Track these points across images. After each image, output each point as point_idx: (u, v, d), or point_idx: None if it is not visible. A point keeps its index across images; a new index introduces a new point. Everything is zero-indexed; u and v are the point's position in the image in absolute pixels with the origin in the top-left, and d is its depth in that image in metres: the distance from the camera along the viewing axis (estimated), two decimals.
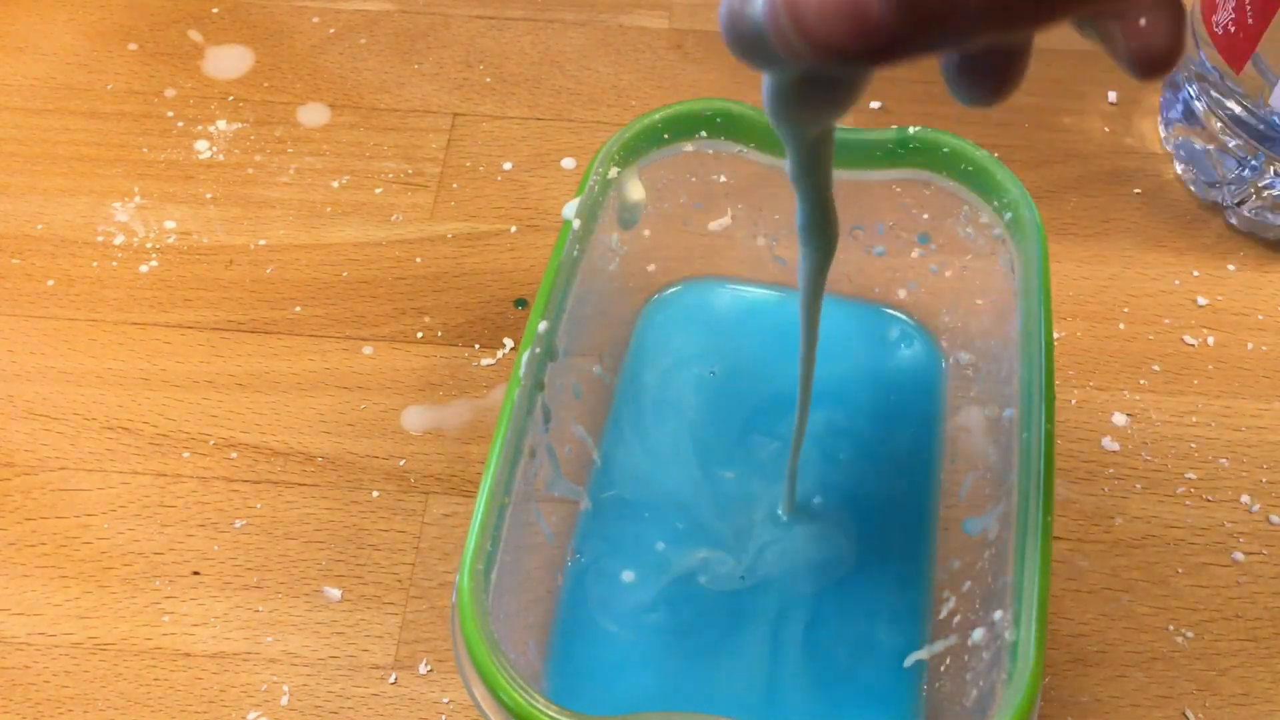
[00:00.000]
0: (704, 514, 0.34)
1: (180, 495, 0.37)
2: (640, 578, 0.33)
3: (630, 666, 0.32)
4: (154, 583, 0.35)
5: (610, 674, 0.32)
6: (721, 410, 0.36)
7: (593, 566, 0.33)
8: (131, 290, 0.41)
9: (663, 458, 0.35)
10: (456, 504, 0.37)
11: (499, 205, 0.43)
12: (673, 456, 0.35)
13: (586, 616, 0.32)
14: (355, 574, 0.35)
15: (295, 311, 0.40)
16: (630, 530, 0.34)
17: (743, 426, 0.36)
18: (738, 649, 0.32)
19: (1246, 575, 0.35)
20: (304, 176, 0.44)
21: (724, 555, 0.33)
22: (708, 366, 0.37)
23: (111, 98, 0.46)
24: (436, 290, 0.41)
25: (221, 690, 0.33)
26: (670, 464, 0.35)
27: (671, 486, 0.35)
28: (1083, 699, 0.33)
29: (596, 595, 0.33)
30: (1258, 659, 0.34)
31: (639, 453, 0.35)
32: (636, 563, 0.33)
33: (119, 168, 0.44)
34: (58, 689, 0.33)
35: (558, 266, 0.31)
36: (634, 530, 0.34)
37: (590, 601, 0.33)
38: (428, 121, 0.45)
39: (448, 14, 0.49)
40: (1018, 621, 0.25)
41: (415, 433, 0.38)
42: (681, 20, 0.48)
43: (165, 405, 0.38)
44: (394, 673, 0.34)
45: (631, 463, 0.35)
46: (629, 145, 0.33)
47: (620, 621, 0.32)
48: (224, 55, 0.47)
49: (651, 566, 0.33)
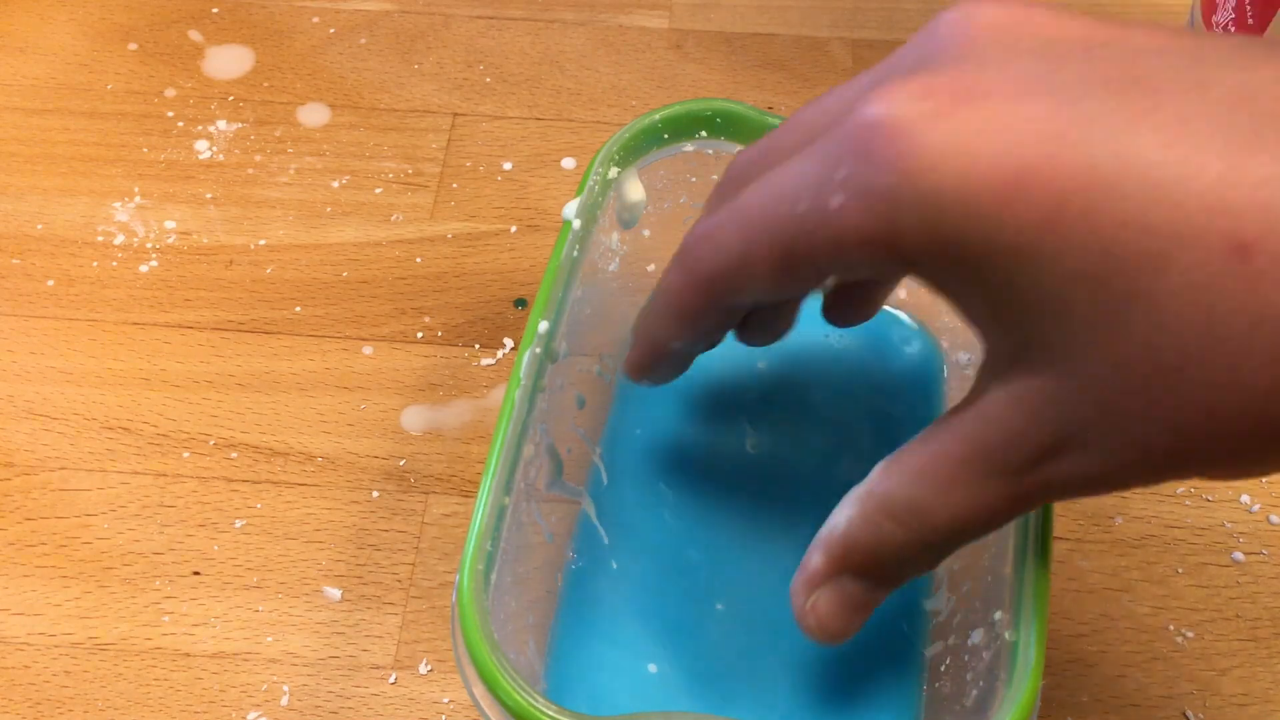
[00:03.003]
0: (705, 513, 0.34)
1: (180, 495, 0.37)
2: (641, 577, 0.33)
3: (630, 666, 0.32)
4: (154, 583, 0.35)
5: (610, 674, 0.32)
6: (721, 408, 0.36)
7: (593, 566, 0.33)
8: (131, 290, 0.41)
9: (663, 457, 0.35)
10: (456, 504, 0.37)
11: (499, 205, 0.43)
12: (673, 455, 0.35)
13: (586, 616, 0.32)
14: (355, 574, 0.35)
15: (295, 311, 0.40)
16: (630, 530, 0.34)
17: (743, 425, 0.36)
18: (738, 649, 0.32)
19: (1246, 575, 0.35)
20: (304, 176, 0.44)
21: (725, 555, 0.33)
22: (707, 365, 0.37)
23: (111, 98, 0.46)
24: (436, 290, 0.41)
25: (221, 690, 0.33)
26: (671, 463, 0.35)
27: (672, 485, 0.35)
28: (1083, 699, 0.33)
29: (596, 595, 0.33)
30: (1258, 659, 0.34)
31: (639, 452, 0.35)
32: (637, 562, 0.33)
33: (119, 168, 0.44)
34: (58, 689, 0.33)
35: (558, 266, 0.31)
36: (634, 530, 0.34)
37: (590, 601, 0.33)
38: (428, 121, 0.45)
39: (448, 14, 0.49)
40: (1018, 621, 0.25)
41: (415, 433, 0.38)
42: (681, 20, 0.48)
43: (165, 405, 0.38)
44: (394, 673, 0.34)
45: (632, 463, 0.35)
46: (629, 145, 0.33)
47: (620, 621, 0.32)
48: (224, 55, 0.47)
49: (652, 566, 0.33)
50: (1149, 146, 0.18)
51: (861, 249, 0.20)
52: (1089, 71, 0.19)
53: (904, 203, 0.19)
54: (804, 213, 0.21)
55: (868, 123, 0.20)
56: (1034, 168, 0.18)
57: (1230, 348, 0.18)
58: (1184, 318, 0.18)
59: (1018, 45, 0.20)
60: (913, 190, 0.19)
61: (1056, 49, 0.20)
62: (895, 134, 0.19)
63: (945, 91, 0.19)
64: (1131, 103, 0.18)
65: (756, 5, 0.49)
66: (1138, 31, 0.20)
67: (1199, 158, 0.18)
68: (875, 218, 0.20)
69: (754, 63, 0.47)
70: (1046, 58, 0.20)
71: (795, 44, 0.47)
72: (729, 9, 0.49)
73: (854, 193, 0.20)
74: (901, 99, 0.19)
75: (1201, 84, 0.18)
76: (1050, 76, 0.19)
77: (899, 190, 0.19)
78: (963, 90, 0.19)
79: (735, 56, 0.47)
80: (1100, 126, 0.18)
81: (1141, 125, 0.18)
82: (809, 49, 0.47)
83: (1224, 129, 0.18)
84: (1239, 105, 0.18)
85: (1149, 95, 0.18)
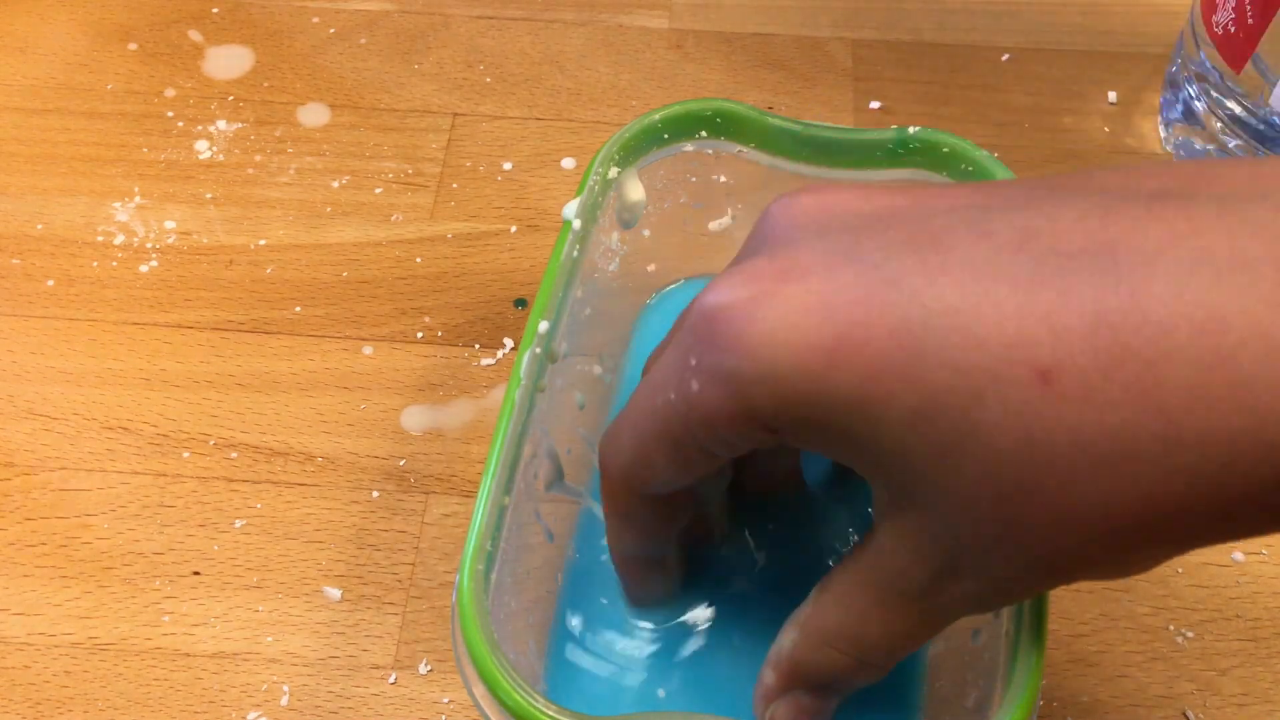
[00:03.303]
0: (705, 512, 0.34)
1: (180, 495, 0.37)
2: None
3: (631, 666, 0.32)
4: (154, 583, 0.35)
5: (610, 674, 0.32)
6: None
7: (593, 566, 0.33)
8: (131, 290, 0.41)
9: None
10: (456, 504, 0.37)
11: (499, 205, 0.43)
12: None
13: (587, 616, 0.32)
14: (355, 574, 0.35)
15: (295, 311, 0.40)
16: None
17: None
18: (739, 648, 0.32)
19: (1246, 575, 0.35)
20: (304, 176, 0.44)
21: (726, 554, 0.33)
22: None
23: (111, 98, 0.46)
24: (436, 290, 0.41)
25: (221, 690, 0.33)
26: None
27: None
28: (1083, 699, 0.33)
29: (596, 595, 0.33)
30: (1258, 659, 0.34)
31: None
32: None
33: (119, 168, 0.44)
34: (58, 689, 0.33)
35: (558, 266, 0.31)
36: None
37: (590, 601, 0.33)
38: (428, 121, 0.45)
39: (448, 14, 0.49)
40: (1018, 622, 0.25)
41: (415, 433, 0.38)
42: (681, 20, 0.48)
43: (165, 405, 0.38)
44: (394, 673, 0.34)
45: None
46: (629, 145, 0.33)
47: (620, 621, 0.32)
48: (224, 55, 0.47)
49: None
50: (948, 294, 0.20)
51: (729, 424, 0.22)
52: (891, 238, 0.21)
53: (749, 379, 0.21)
54: (674, 400, 0.23)
55: (708, 312, 0.22)
56: (850, 330, 0.20)
57: (1057, 469, 0.19)
58: (1008, 447, 0.19)
59: (829, 225, 0.22)
60: (754, 367, 0.21)
61: (863, 222, 0.22)
62: (731, 318, 0.21)
63: (768, 275, 0.22)
64: (928, 258, 0.20)
65: (756, 5, 0.49)
66: (931, 195, 0.22)
67: (992, 298, 0.20)
68: (729, 395, 0.22)
69: (754, 63, 0.47)
70: (854, 231, 0.22)
71: (795, 44, 0.48)
72: (729, 9, 0.49)
73: (707, 377, 0.22)
74: (735, 285, 0.22)
75: (988, 232, 0.20)
76: (858, 247, 0.21)
77: (742, 369, 0.21)
78: (783, 271, 0.22)
79: (735, 56, 0.47)
80: (903, 284, 0.20)
81: (939, 277, 0.20)
82: (809, 49, 0.47)
83: (1010, 269, 0.20)
84: (1023, 245, 0.20)
85: (943, 250, 0.20)
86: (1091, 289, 0.19)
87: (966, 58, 0.47)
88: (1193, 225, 0.19)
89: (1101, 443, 0.19)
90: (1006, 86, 0.46)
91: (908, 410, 0.20)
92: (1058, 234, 0.20)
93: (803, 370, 0.21)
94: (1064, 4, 0.49)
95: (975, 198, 0.22)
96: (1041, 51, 0.47)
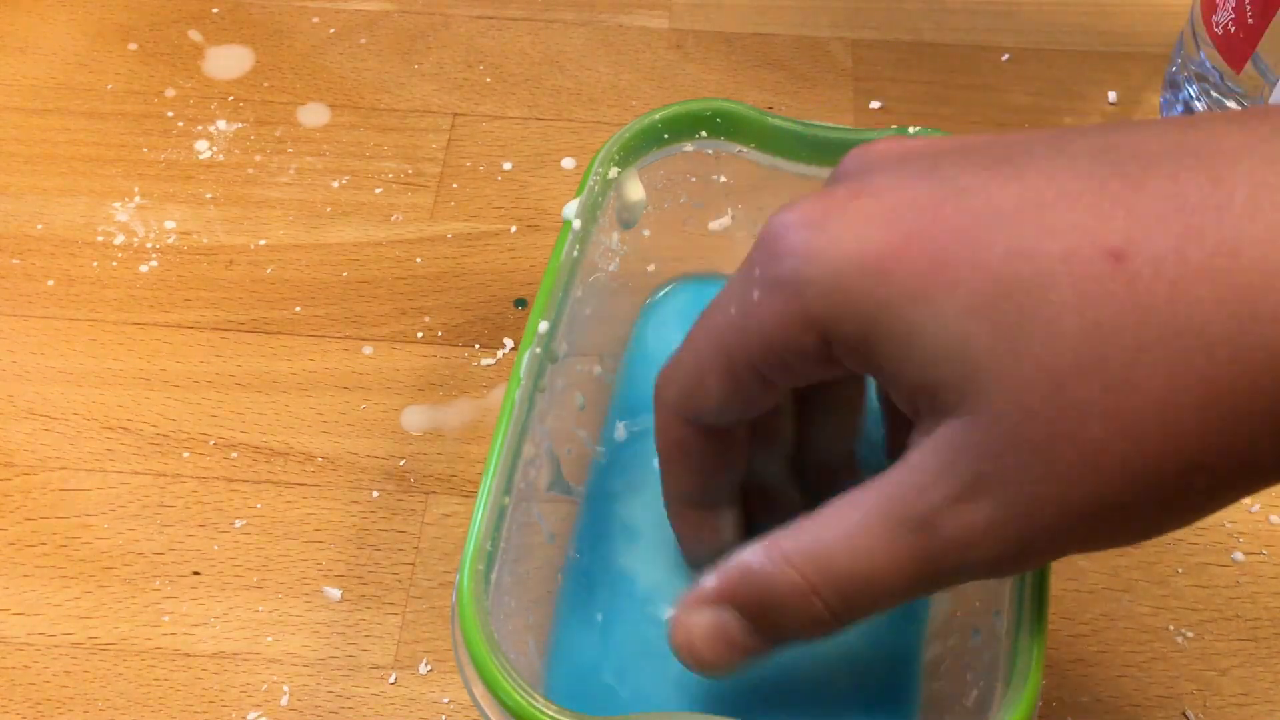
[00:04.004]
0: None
1: (180, 495, 0.37)
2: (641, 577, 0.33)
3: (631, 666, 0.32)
4: (154, 583, 0.35)
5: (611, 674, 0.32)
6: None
7: (593, 566, 0.33)
8: (131, 290, 0.41)
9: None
10: (456, 504, 0.37)
11: (499, 205, 0.43)
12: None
13: (587, 616, 0.32)
14: (355, 574, 0.35)
15: (295, 311, 0.40)
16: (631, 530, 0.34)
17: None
18: None
19: (1246, 575, 0.35)
20: (304, 176, 0.44)
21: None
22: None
23: (111, 98, 0.46)
24: (436, 290, 0.41)
25: (221, 690, 0.33)
26: None
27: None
28: (1083, 699, 0.33)
29: (596, 595, 0.33)
30: (1258, 659, 0.34)
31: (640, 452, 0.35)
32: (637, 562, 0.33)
33: (119, 168, 0.44)
34: (58, 689, 0.33)
35: (558, 266, 0.31)
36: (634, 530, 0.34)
37: (590, 601, 0.33)
38: (428, 121, 0.45)
39: (448, 14, 0.49)
40: (1018, 621, 0.25)
41: (415, 433, 0.38)
42: (681, 20, 0.48)
43: (165, 405, 0.38)
44: (394, 673, 0.34)
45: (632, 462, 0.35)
46: (629, 145, 0.33)
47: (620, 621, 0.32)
48: (224, 55, 0.47)
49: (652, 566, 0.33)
50: (1021, 193, 0.20)
51: (783, 331, 0.22)
52: (964, 161, 0.22)
53: (808, 279, 0.22)
54: (734, 315, 0.24)
55: (775, 228, 0.22)
56: (916, 227, 0.21)
57: (1124, 347, 0.19)
58: (1073, 328, 0.19)
59: (905, 158, 0.23)
60: (814, 270, 0.21)
61: (937, 154, 0.23)
62: (797, 229, 0.22)
63: (840, 195, 0.22)
64: (1003, 169, 0.21)
65: (756, 5, 0.49)
66: (1007, 135, 0.23)
67: (1066, 191, 0.20)
68: (787, 298, 0.22)
69: (754, 63, 0.47)
70: (928, 158, 0.22)
71: (795, 44, 0.48)
72: (729, 9, 0.49)
73: (768, 284, 0.22)
74: (806, 205, 0.22)
75: (1065, 149, 0.21)
76: (930, 170, 0.22)
77: (801, 271, 0.22)
78: (855, 191, 0.22)
79: (735, 56, 0.47)
80: (975, 190, 0.21)
81: (1012, 182, 0.20)
82: (809, 49, 0.47)
83: (1087, 169, 0.20)
84: (1101, 154, 0.20)
85: (1017, 165, 0.21)
86: (1169, 181, 0.19)
87: (966, 58, 0.47)
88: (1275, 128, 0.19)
89: (1172, 320, 0.19)
90: (1006, 86, 0.46)
91: (973, 295, 0.20)
92: (1137, 144, 0.20)
93: (864, 267, 0.21)
94: (1064, 4, 0.49)
95: (1048, 134, 0.22)
96: (1041, 51, 0.47)
